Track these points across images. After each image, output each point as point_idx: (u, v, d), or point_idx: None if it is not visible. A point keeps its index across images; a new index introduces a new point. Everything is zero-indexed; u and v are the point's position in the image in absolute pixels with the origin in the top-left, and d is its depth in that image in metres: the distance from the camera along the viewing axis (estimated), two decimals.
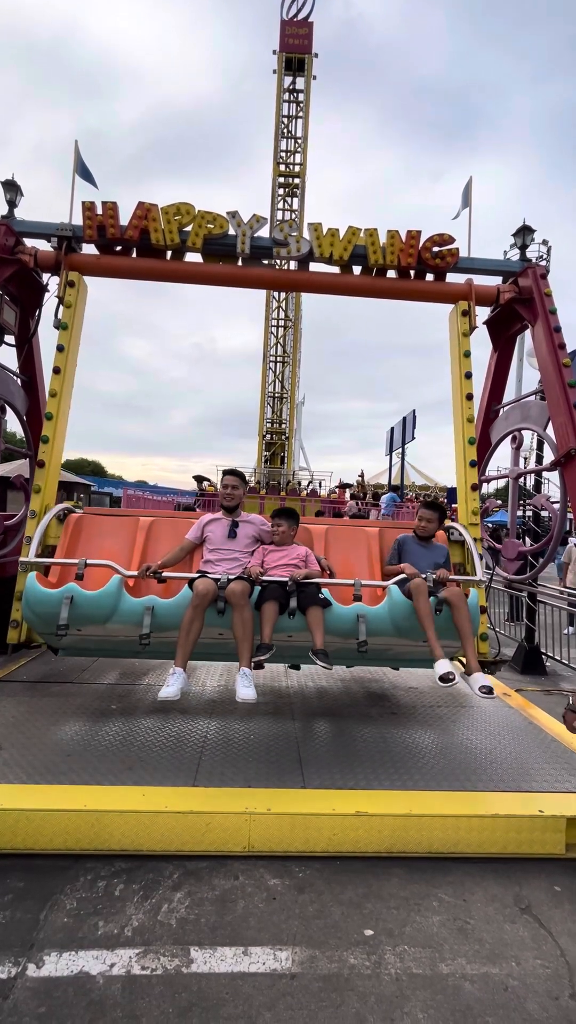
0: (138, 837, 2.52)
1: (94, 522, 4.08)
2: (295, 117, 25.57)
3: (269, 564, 3.43)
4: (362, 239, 4.70)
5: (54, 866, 2.44)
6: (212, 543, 3.53)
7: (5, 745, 3.13)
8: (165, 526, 4.08)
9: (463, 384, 4.85)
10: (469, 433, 4.88)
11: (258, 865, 2.50)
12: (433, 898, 2.37)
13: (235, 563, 3.43)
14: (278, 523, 3.53)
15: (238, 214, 4.65)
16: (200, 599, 3.06)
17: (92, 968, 1.93)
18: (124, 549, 3.94)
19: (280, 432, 27.32)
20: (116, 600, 3.22)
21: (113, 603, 3.21)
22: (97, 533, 4.02)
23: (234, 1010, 1.80)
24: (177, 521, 4.12)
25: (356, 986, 1.92)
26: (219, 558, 3.46)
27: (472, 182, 5.16)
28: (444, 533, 4.21)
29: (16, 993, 1.83)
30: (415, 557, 3.64)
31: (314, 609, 3.18)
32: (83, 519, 4.10)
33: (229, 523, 3.54)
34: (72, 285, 4.82)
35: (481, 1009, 1.85)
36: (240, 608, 3.09)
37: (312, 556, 3.58)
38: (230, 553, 3.46)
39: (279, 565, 3.41)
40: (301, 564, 3.45)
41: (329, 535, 4.12)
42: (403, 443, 17.09)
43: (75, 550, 3.92)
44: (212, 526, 3.57)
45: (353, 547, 4.09)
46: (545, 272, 4.72)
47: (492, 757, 3.28)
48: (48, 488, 4.37)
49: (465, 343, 5.00)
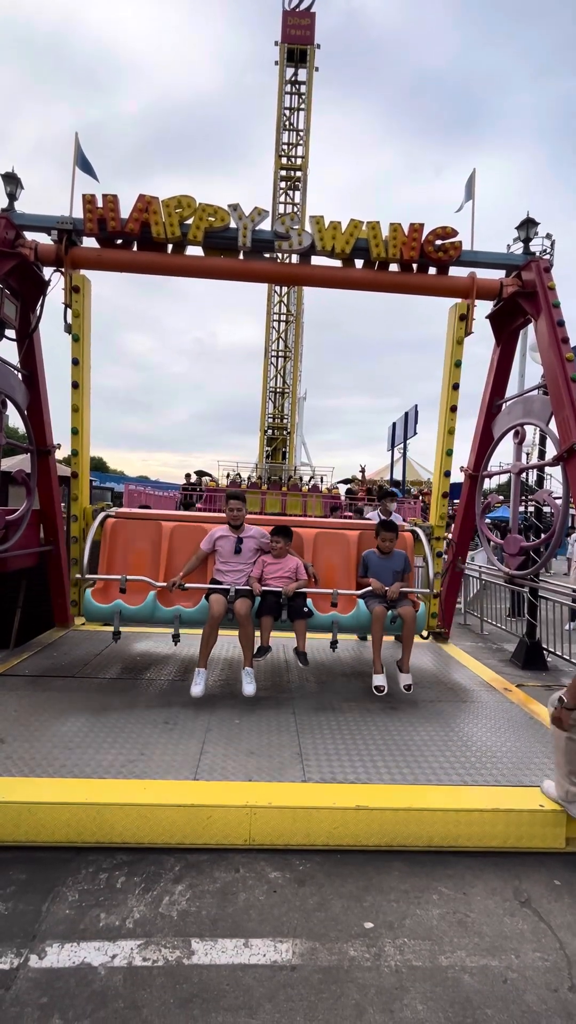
0: (139, 830, 2.53)
1: (126, 526, 4.78)
2: (297, 109, 25.39)
3: (267, 575, 4.14)
4: (364, 232, 4.65)
5: (56, 858, 2.46)
6: (222, 556, 4.21)
7: (7, 738, 3.15)
8: (184, 531, 4.77)
9: (450, 395, 5.31)
10: (448, 445, 5.46)
11: (259, 858, 2.52)
12: (433, 891, 2.38)
13: (241, 574, 4.14)
14: (276, 540, 4.21)
15: (239, 207, 4.61)
16: (215, 619, 3.87)
17: (94, 959, 1.95)
18: (153, 554, 4.69)
19: (282, 427, 27.27)
20: (152, 610, 4.17)
21: (150, 612, 4.17)
22: (130, 537, 4.75)
23: (235, 1001, 1.81)
24: (193, 527, 4.77)
25: (356, 978, 1.93)
26: (228, 569, 4.17)
27: (476, 174, 5.11)
28: (410, 535, 4.91)
29: (18, 984, 1.84)
30: (377, 570, 4.32)
31: (299, 621, 4.01)
32: (118, 524, 4.77)
33: (235, 540, 4.19)
34: (77, 291, 4.84)
35: (481, 1001, 1.86)
36: (244, 625, 3.89)
37: (302, 567, 4.23)
38: (237, 565, 4.16)
39: (275, 577, 4.13)
40: (292, 575, 4.15)
41: (317, 539, 4.80)
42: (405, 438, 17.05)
43: (115, 553, 4.68)
44: (221, 542, 4.22)
45: (336, 550, 4.79)
46: (549, 265, 4.67)
47: (493, 752, 3.29)
48: (83, 495, 5.23)
49: (458, 352, 5.17)
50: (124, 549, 4.70)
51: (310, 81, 24.86)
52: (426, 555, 4.79)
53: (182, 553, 4.62)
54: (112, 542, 4.69)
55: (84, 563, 4.42)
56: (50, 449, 5.20)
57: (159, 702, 3.85)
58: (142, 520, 4.90)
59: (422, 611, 4.37)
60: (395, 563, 4.36)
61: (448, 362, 5.30)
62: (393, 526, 4.39)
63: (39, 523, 5.16)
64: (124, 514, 5.01)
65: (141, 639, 5.42)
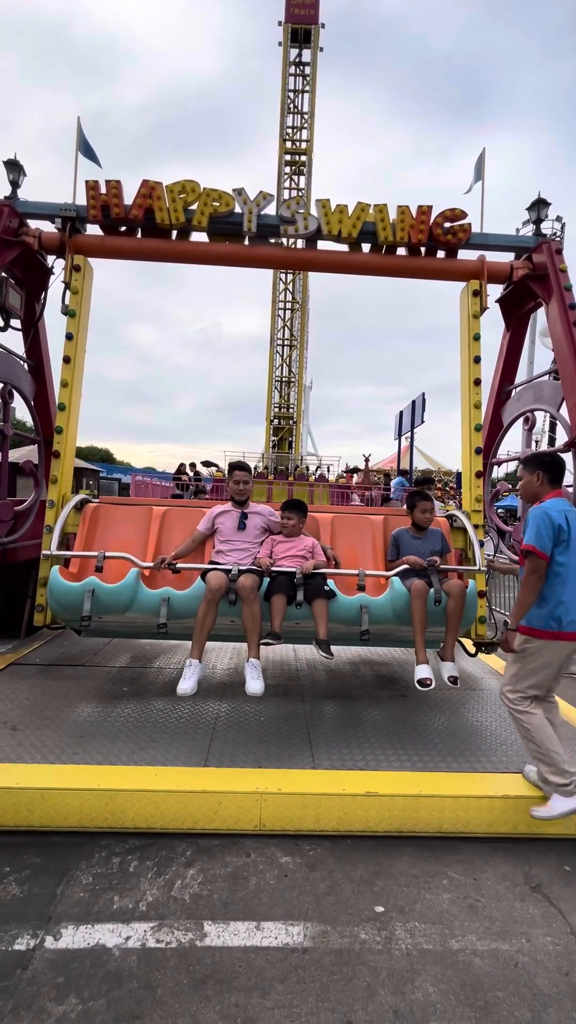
0: (151, 815, 2.56)
1: (110, 511, 4.18)
2: (301, 92, 24.94)
3: (278, 555, 3.50)
4: (371, 215, 4.57)
5: (69, 843, 2.49)
6: (223, 535, 3.62)
7: (20, 726, 3.19)
8: (178, 515, 4.17)
9: (472, 369, 4.76)
10: (476, 420, 4.81)
11: (269, 843, 2.54)
12: (443, 876, 2.39)
13: (245, 553, 3.53)
14: (288, 516, 3.60)
15: (244, 191, 4.54)
16: (213, 593, 3.16)
17: (108, 941, 1.98)
18: (139, 538, 4.04)
19: (288, 417, 27.17)
20: (134, 592, 3.37)
21: (131, 595, 3.36)
22: (113, 522, 4.11)
23: (247, 982, 1.84)
24: (190, 511, 4.20)
25: (367, 960, 1.94)
26: (230, 548, 3.55)
27: (485, 154, 5.00)
28: (446, 520, 4.29)
29: (35, 964, 1.87)
30: (412, 550, 3.70)
31: (319, 601, 3.28)
32: (100, 508, 4.18)
33: (239, 515, 3.63)
34: (78, 270, 4.77)
35: (491, 984, 1.87)
36: (250, 602, 3.19)
37: (319, 546, 3.63)
38: (240, 544, 3.56)
39: (287, 556, 3.49)
40: (308, 555, 3.52)
41: (335, 524, 4.17)
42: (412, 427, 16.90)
43: (93, 539, 4.01)
44: (222, 518, 3.65)
45: (358, 535, 4.13)
46: (560, 247, 4.58)
47: (502, 739, 3.29)
48: (64, 478, 4.45)
49: (475, 325, 4.88)
50: (104, 534, 4.05)
51: (314, 62, 24.39)
52: (472, 542, 4.07)
53: (174, 538, 3.97)
54: (90, 527, 4.06)
55: (53, 543, 3.72)
56: None
57: (169, 690, 3.87)
58: (129, 506, 4.35)
59: (472, 588, 3.50)
60: (432, 543, 3.74)
61: (466, 337, 4.83)
62: (428, 495, 3.77)
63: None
64: (108, 500, 4.50)
65: None
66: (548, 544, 2.58)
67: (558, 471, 2.81)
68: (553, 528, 2.58)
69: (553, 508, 2.65)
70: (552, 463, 2.83)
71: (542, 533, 2.58)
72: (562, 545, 2.59)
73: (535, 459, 2.90)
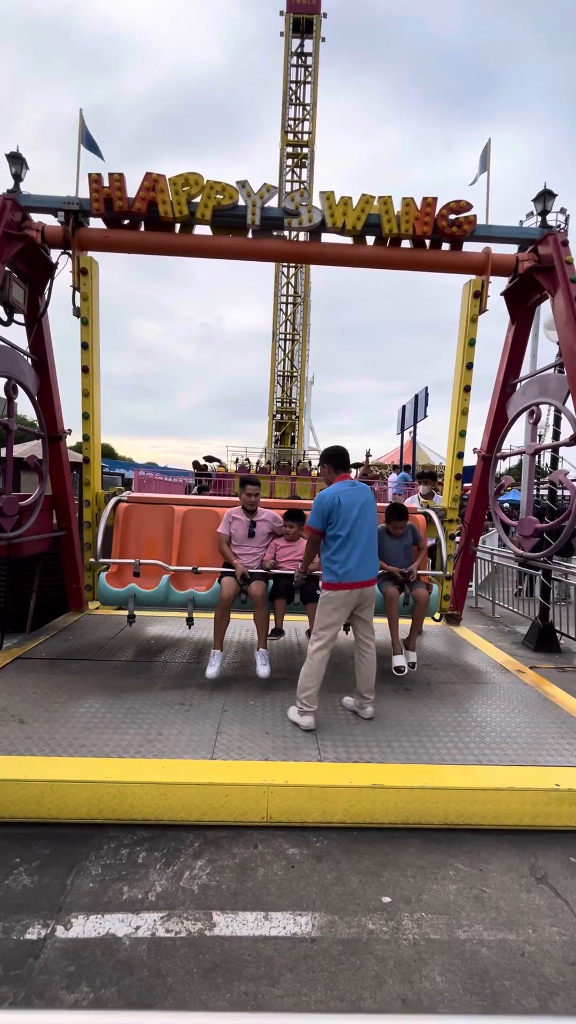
0: (159, 807, 2.58)
1: (139, 511, 4.84)
2: (303, 83, 24.73)
3: (280, 558, 4.18)
4: (376, 207, 4.53)
5: (78, 834, 2.51)
6: (235, 539, 4.21)
7: (27, 719, 3.21)
8: (196, 516, 4.81)
9: (463, 375, 5.09)
10: (462, 426, 5.34)
11: (276, 835, 2.56)
12: (449, 867, 2.40)
13: (254, 557, 4.16)
14: (289, 524, 4.25)
15: (248, 183, 4.51)
16: (226, 601, 3.87)
17: (118, 930, 2.00)
18: (165, 538, 4.74)
19: (291, 412, 27.11)
20: (166, 593, 4.27)
21: (164, 596, 4.27)
22: (143, 521, 4.79)
23: (256, 971, 1.86)
24: (206, 511, 4.82)
25: (375, 950, 1.96)
26: (241, 552, 4.17)
27: (491, 144, 4.95)
28: (423, 518, 4.98)
29: (46, 953, 1.89)
30: (389, 548, 4.26)
31: (312, 604, 3.85)
32: (130, 508, 4.82)
33: (249, 523, 4.20)
34: (85, 273, 4.78)
35: (499, 973, 1.89)
36: (260, 606, 3.90)
37: None
38: (250, 549, 4.19)
39: (288, 559, 4.17)
40: None
41: None
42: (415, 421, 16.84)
43: (128, 537, 4.74)
44: (236, 524, 4.23)
45: None
46: (566, 239, 4.54)
47: (507, 732, 3.30)
48: (95, 480, 5.21)
49: (472, 330, 5.02)
50: (137, 533, 4.75)
51: (316, 52, 24.16)
52: (439, 537, 4.79)
53: (195, 537, 4.68)
54: (124, 527, 4.75)
55: (98, 548, 4.47)
56: (61, 435, 5.21)
57: (174, 684, 3.89)
58: (154, 505, 4.97)
59: (435, 593, 4.41)
60: (405, 539, 4.37)
61: (462, 341, 5.16)
62: (403, 513, 4.32)
63: (52, 508, 5.20)
64: (136, 499, 5.05)
65: (154, 623, 5.47)
66: (318, 522, 3.36)
67: (340, 460, 3.56)
68: (323, 510, 3.33)
69: (327, 493, 3.38)
70: (334, 455, 3.58)
71: (315, 514, 3.38)
72: (333, 524, 3.32)
73: (323, 455, 3.73)
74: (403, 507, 4.42)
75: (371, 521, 3.42)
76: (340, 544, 3.32)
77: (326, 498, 3.36)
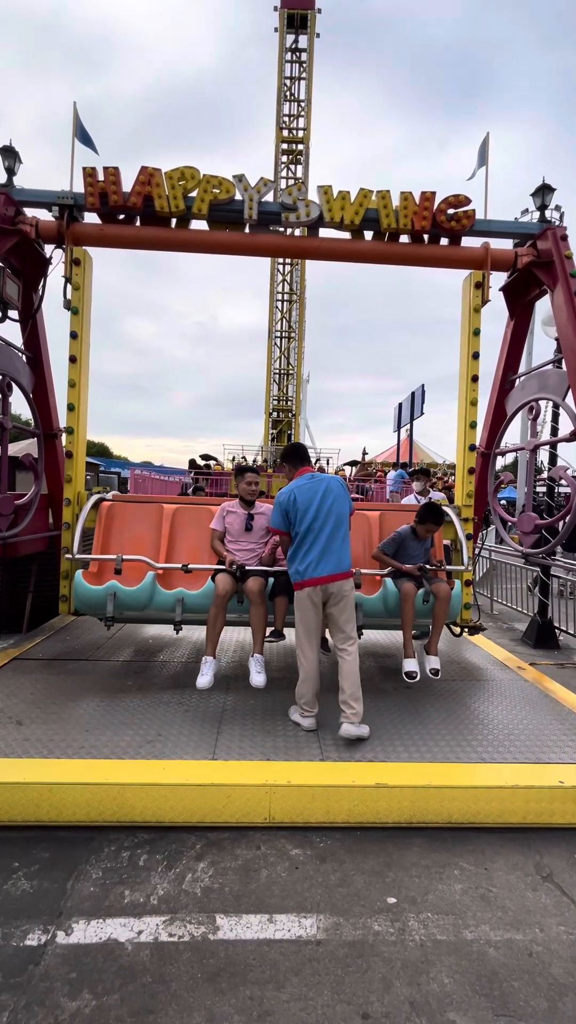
0: (160, 809, 2.54)
1: (124, 509, 4.40)
2: (298, 78, 24.64)
3: (279, 555, 3.76)
4: (374, 202, 4.49)
5: (78, 837, 2.47)
6: (231, 534, 3.83)
7: (25, 721, 3.16)
8: (188, 513, 4.40)
9: (470, 365, 4.89)
10: (472, 417, 4.98)
11: (279, 836, 2.52)
12: (455, 867, 2.38)
13: (251, 553, 3.78)
14: None
15: (245, 178, 4.46)
16: (221, 598, 3.44)
17: (120, 935, 1.96)
18: (153, 536, 4.29)
19: (287, 409, 27.06)
20: (151, 593, 3.71)
21: (149, 596, 3.71)
22: (128, 520, 4.35)
23: (261, 975, 1.82)
24: (199, 508, 4.42)
25: (381, 952, 1.93)
26: (237, 548, 3.78)
27: (489, 138, 4.92)
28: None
29: (47, 959, 1.86)
30: (412, 551, 3.93)
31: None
32: (114, 507, 4.38)
33: (246, 516, 3.82)
34: (78, 263, 4.70)
35: (507, 974, 1.86)
36: (257, 604, 3.50)
37: None
38: (247, 544, 3.80)
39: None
40: None
41: None
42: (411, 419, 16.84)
43: (110, 536, 4.25)
44: (231, 518, 3.85)
45: (355, 531, 4.21)
46: (565, 234, 4.52)
47: (510, 730, 3.28)
48: (78, 477, 4.73)
49: (476, 320, 4.89)
50: (120, 533, 4.28)
51: (311, 48, 24.07)
52: (459, 537, 4.43)
53: (185, 537, 4.27)
54: (107, 527, 4.28)
55: (75, 543, 4.13)
56: (56, 433, 5.15)
57: (173, 684, 3.85)
58: (141, 503, 4.52)
59: (457, 590, 3.92)
60: (427, 541, 4.06)
61: (466, 331, 4.93)
62: (442, 519, 3.93)
63: (47, 508, 5.14)
64: (121, 498, 4.66)
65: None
66: (279, 522, 3.31)
67: (297, 454, 3.58)
68: (282, 508, 3.27)
69: (284, 491, 3.31)
70: (290, 452, 3.62)
71: (274, 514, 3.34)
72: (293, 521, 3.25)
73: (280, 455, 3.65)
74: (442, 511, 4.02)
75: (336, 512, 3.22)
76: (299, 540, 3.23)
77: (283, 496, 3.27)
